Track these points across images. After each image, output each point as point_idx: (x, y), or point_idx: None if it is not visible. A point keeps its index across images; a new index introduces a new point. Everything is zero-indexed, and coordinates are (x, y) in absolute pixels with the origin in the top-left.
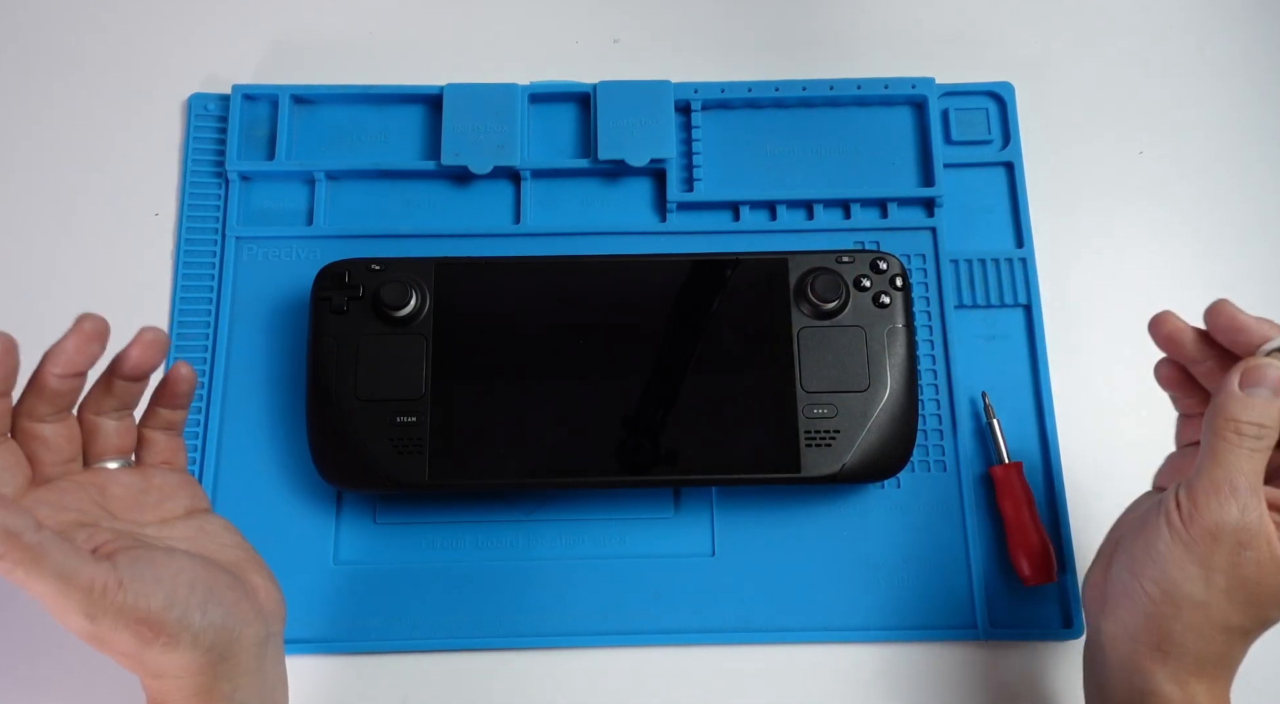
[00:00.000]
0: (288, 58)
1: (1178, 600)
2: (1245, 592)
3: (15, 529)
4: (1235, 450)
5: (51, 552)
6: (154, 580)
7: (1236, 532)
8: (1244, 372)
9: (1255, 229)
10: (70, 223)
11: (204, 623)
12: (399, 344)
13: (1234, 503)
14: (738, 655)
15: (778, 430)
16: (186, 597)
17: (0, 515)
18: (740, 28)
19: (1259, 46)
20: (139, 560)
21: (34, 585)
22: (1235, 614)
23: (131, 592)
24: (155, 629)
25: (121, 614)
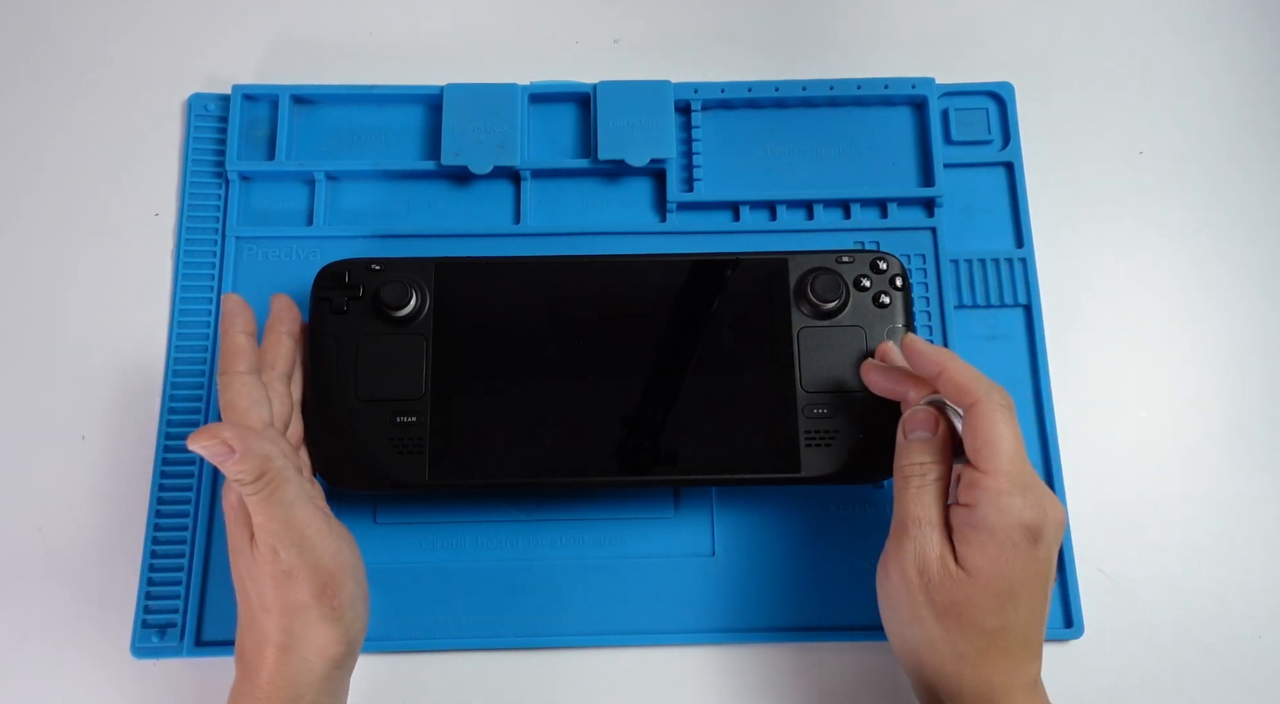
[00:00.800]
0: (288, 58)
1: (915, 648)
2: (950, 616)
3: (270, 453)
4: (903, 493)
5: (291, 480)
6: (350, 548)
7: (917, 564)
8: (903, 422)
9: (1256, 229)
10: (70, 223)
11: (360, 613)
12: (399, 344)
13: (908, 541)
14: (738, 655)
15: (778, 430)
16: (361, 581)
17: (259, 441)
18: (740, 28)
19: (1259, 46)
20: (341, 527)
21: (269, 509)
22: (959, 640)
23: (334, 545)
24: (337, 588)
25: (322, 558)
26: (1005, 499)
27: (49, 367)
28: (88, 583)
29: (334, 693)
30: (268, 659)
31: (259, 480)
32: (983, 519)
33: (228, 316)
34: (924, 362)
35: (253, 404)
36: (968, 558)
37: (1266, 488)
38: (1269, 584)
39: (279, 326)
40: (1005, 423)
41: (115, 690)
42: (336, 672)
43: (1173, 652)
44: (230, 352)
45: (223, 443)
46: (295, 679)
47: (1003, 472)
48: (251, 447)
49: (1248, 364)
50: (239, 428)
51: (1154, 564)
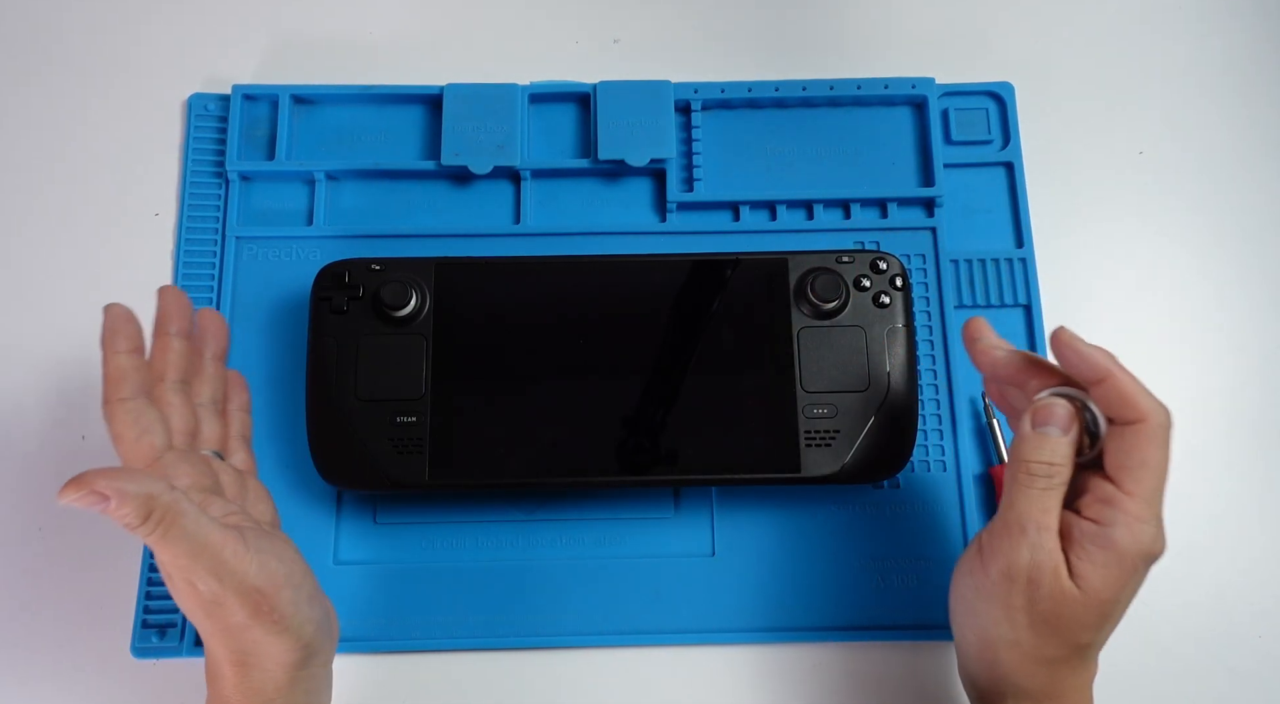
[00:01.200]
0: (288, 58)
1: (994, 644)
2: (1049, 625)
3: (152, 491)
4: (1026, 492)
5: (186, 512)
6: (276, 558)
7: (1027, 570)
8: (1034, 411)
9: (1256, 229)
10: (70, 223)
11: (309, 615)
12: (399, 344)
13: (1024, 544)
14: (738, 655)
15: (778, 430)
16: (300, 584)
17: (137, 482)
18: (740, 28)
19: (1259, 46)
20: (263, 538)
21: (169, 547)
22: (1046, 646)
23: (258, 562)
24: (272, 602)
25: (246, 580)
26: (1141, 527)
27: (49, 366)
28: (88, 583)
29: (310, 689)
30: (228, 676)
31: (148, 521)
32: (1114, 542)
33: (108, 335)
34: (1085, 364)
35: (141, 432)
36: (1085, 575)
37: (1267, 488)
38: (1269, 583)
39: (165, 327)
40: (1165, 448)
41: (115, 690)
42: (302, 672)
43: (1173, 652)
44: (109, 376)
45: (92, 492)
46: (261, 689)
47: (1148, 498)
48: (127, 490)
49: (1248, 364)
50: (112, 472)
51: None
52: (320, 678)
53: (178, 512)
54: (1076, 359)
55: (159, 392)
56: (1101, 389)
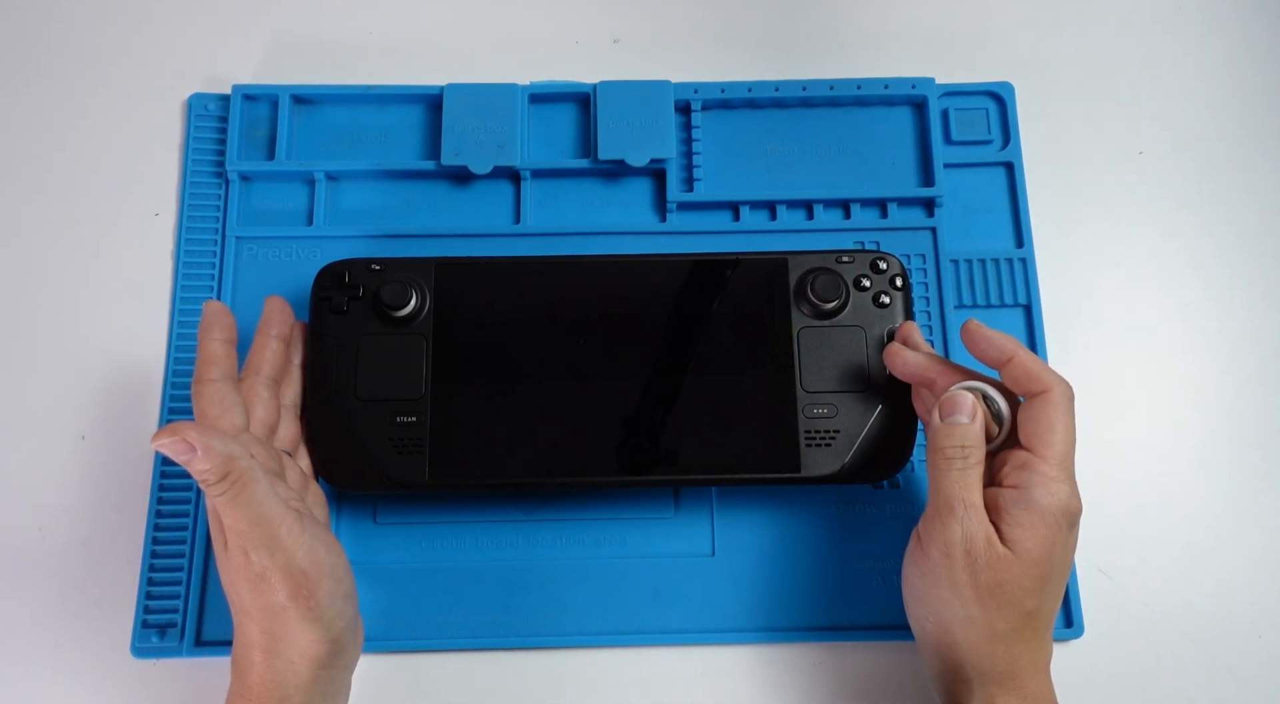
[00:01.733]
0: (288, 58)
1: (949, 626)
2: (994, 596)
3: (234, 453)
4: (946, 475)
5: (259, 480)
6: (326, 548)
7: (963, 543)
8: (941, 404)
9: (1255, 228)
10: (70, 223)
11: (342, 610)
12: (399, 344)
13: (954, 521)
14: (738, 655)
15: (778, 430)
16: (341, 579)
17: (223, 442)
18: (740, 28)
19: (1259, 46)
20: (317, 526)
21: (235, 511)
22: (996, 618)
23: (309, 547)
24: (313, 587)
25: (294, 558)
26: (1056, 485)
27: (49, 366)
28: (88, 583)
29: (326, 694)
30: (255, 662)
31: (224, 480)
32: (1034, 502)
33: (205, 324)
34: (992, 347)
35: (224, 411)
36: (1015, 539)
37: (1266, 487)
38: (1269, 584)
39: (267, 330)
40: (1069, 414)
41: (115, 690)
42: (325, 672)
43: (1173, 652)
44: (203, 358)
45: (183, 440)
46: (282, 681)
47: (1058, 459)
48: (213, 446)
49: (1247, 364)
50: (203, 427)
51: (1154, 564)
52: (339, 682)
53: (251, 478)
54: (985, 344)
55: (251, 383)
56: (1010, 368)
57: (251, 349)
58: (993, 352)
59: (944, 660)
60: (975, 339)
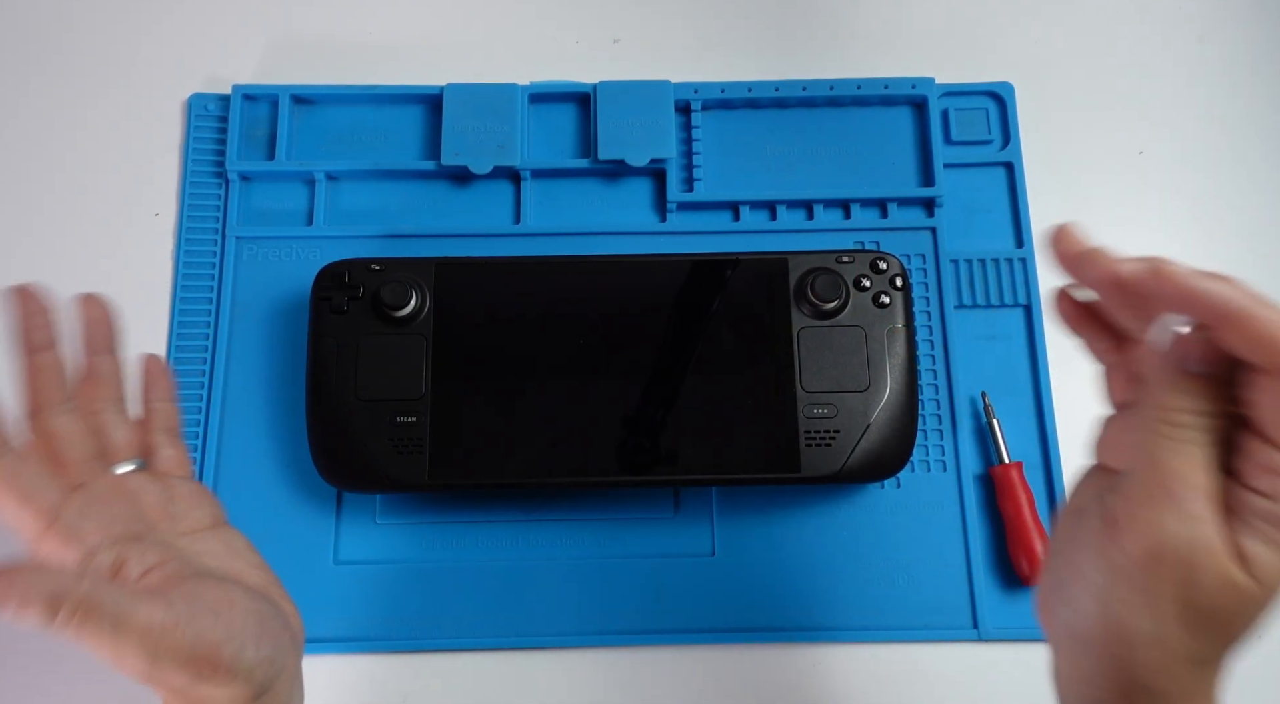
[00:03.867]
0: (288, 58)
1: (1129, 640)
2: (1204, 622)
3: (60, 591)
4: (1169, 445)
5: (103, 600)
6: (211, 615)
7: (1184, 551)
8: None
9: (1256, 228)
10: (70, 223)
11: (257, 657)
12: (399, 344)
13: (1172, 513)
14: (738, 655)
15: (778, 430)
16: (241, 630)
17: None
18: (740, 28)
19: (1259, 46)
20: (193, 595)
21: (89, 639)
22: (1199, 646)
23: (190, 630)
24: (213, 665)
25: (180, 652)
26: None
27: None
28: None
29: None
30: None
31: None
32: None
33: None
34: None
35: (25, 497)
36: (1259, 560)
37: None
38: None
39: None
40: None
41: (115, 690)
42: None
43: None
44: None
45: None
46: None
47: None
48: (28, 594)
49: None
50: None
51: None
52: (283, 693)
53: (92, 603)
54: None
55: (40, 423)
56: (1236, 326)
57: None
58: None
59: (1100, 667)
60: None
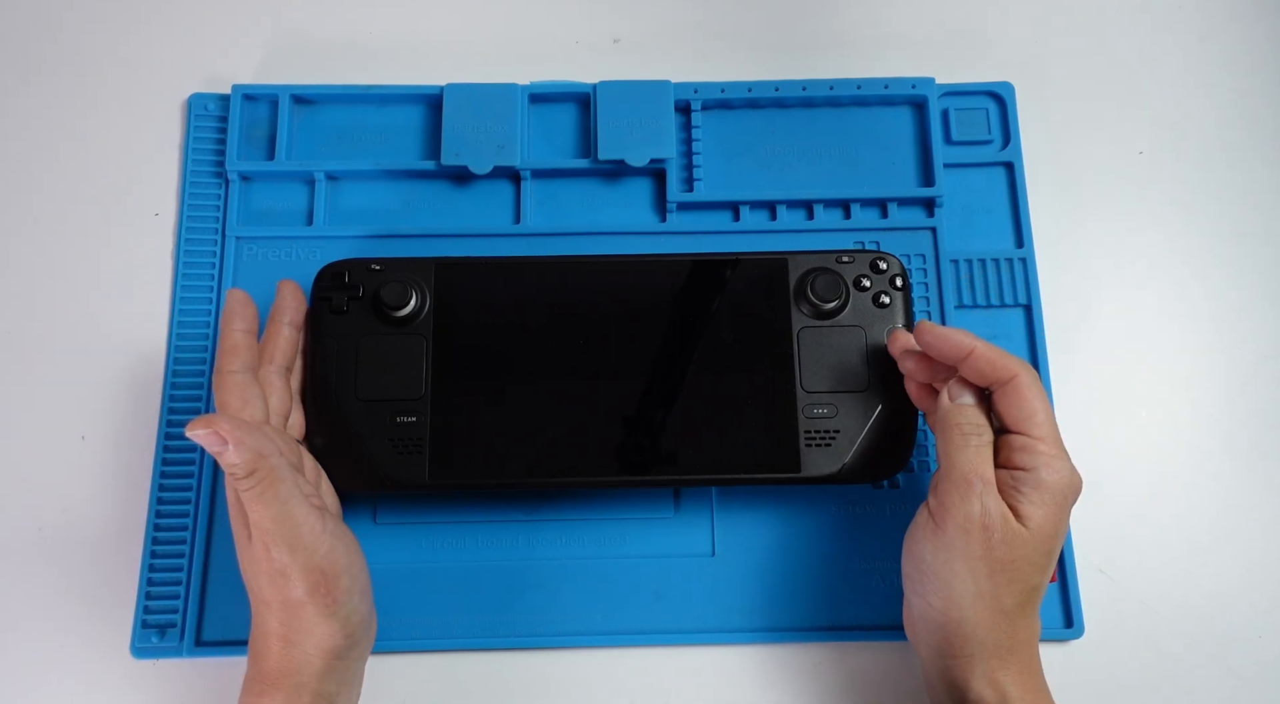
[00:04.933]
0: (288, 58)
1: (959, 601)
2: (1006, 571)
3: (264, 450)
4: (963, 451)
5: (286, 478)
6: (345, 546)
7: (981, 519)
8: (951, 387)
9: (1256, 228)
10: (70, 223)
11: (358, 606)
12: (399, 344)
13: (973, 496)
14: (738, 655)
15: (778, 430)
16: (358, 575)
17: (255, 437)
18: (740, 28)
19: (1259, 45)
20: (338, 524)
21: (261, 507)
22: (1005, 593)
23: (329, 544)
24: (331, 585)
25: (314, 557)
26: (1059, 462)
27: (49, 366)
28: (88, 583)
29: (341, 681)
30: (272, 650)
31: (252, 476)
32: (1044, 480)
33: (228, 313)
34: (949, 345)
35: (245, 403)
36: (1030, 515)
37: (1266, 487)
38: (1269, 584)
39: (280, 317)
40: (1043, 394)
41: (115, 690)
42: (339, 662)
43: (1173, 652)
44: (225, 349)
45: (216, 433)
46: (298, 669)
47: (1052, 438)
48: (245, 440)
49: (1247, 364)
50: (236, 421)
51: (1154, 564)
52: (353, 671)
53: (279, 475)
54: (943, 344)
55: (265, 373)
56: (972, 361)
57: (265, 336)
58: (949, 348)
59: (947, 635)
60: (932, 338)
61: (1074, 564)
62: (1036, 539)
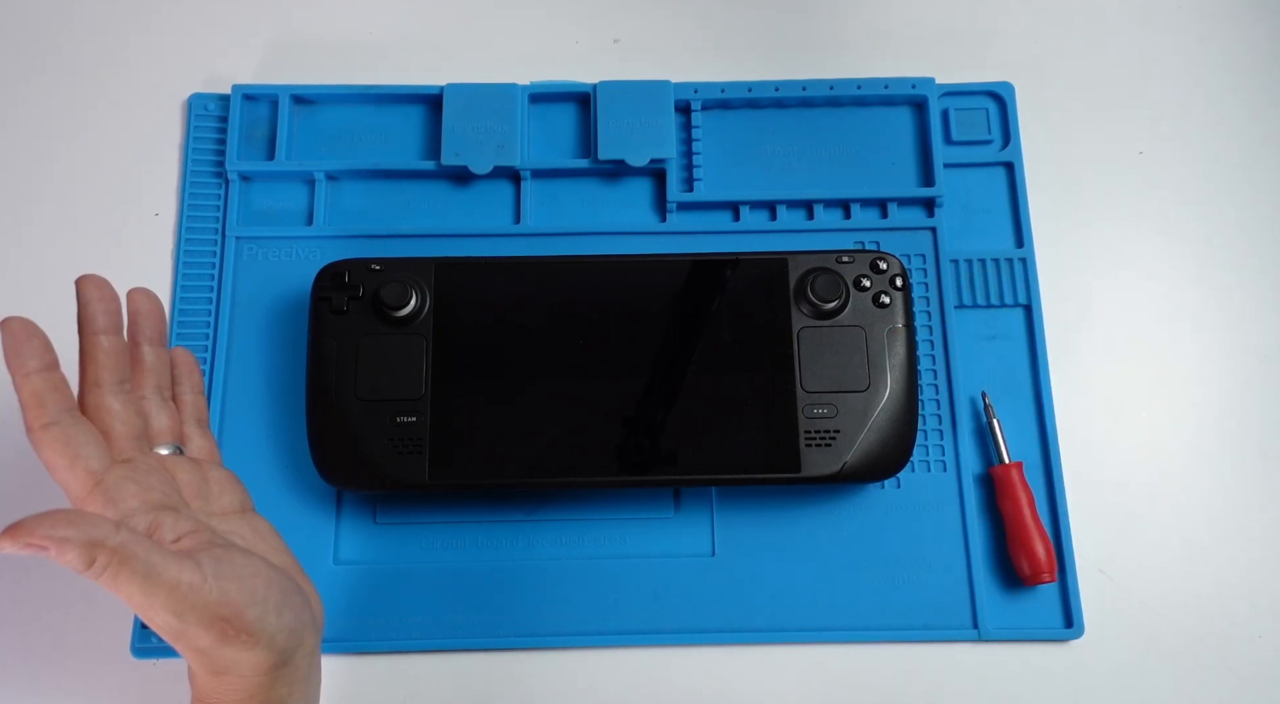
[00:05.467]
0: (288, 58)
1: None
2: None
3: (98, 538)
4: None
5: (136, 551)
6: (236, 578)
7: None
8: None
9: (1255, 228)
10: (70, 223)
11: (279, 624)
12: (399, 344)
13: None
14: (738, 655)
15: (778, 430)
16: (265, 597)
17: (79, 528)
18: (740, 28)
19: (1259, 46)
20: (221, 558)
21: (121, 587)
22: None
23: (216, 589)
24: (237, 626)
25: (206, 611)
26: None
27: None
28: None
29: (293, 680)
30: (203, 682)
31: (95, 566)
32: None
33: (11, 355)
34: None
35: (74, 458)
36: None
37: (1266, 487)
38: (1269, 583)
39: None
40: None
41: (115, 690)
42: (282, 670)
43: (1173, 652)
44: (25, 402)
45: (27, 545)
46: (239, 691)
47: None
48: (69, 538)
49: (1248, 364)
50: (52, 518)
51: (1154, 564)
52: (303, 668)
53: (126, 553)
54: None
55: (95, 399)
56: None
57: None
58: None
59: None
60: None
61: (1074, 564)
62: None
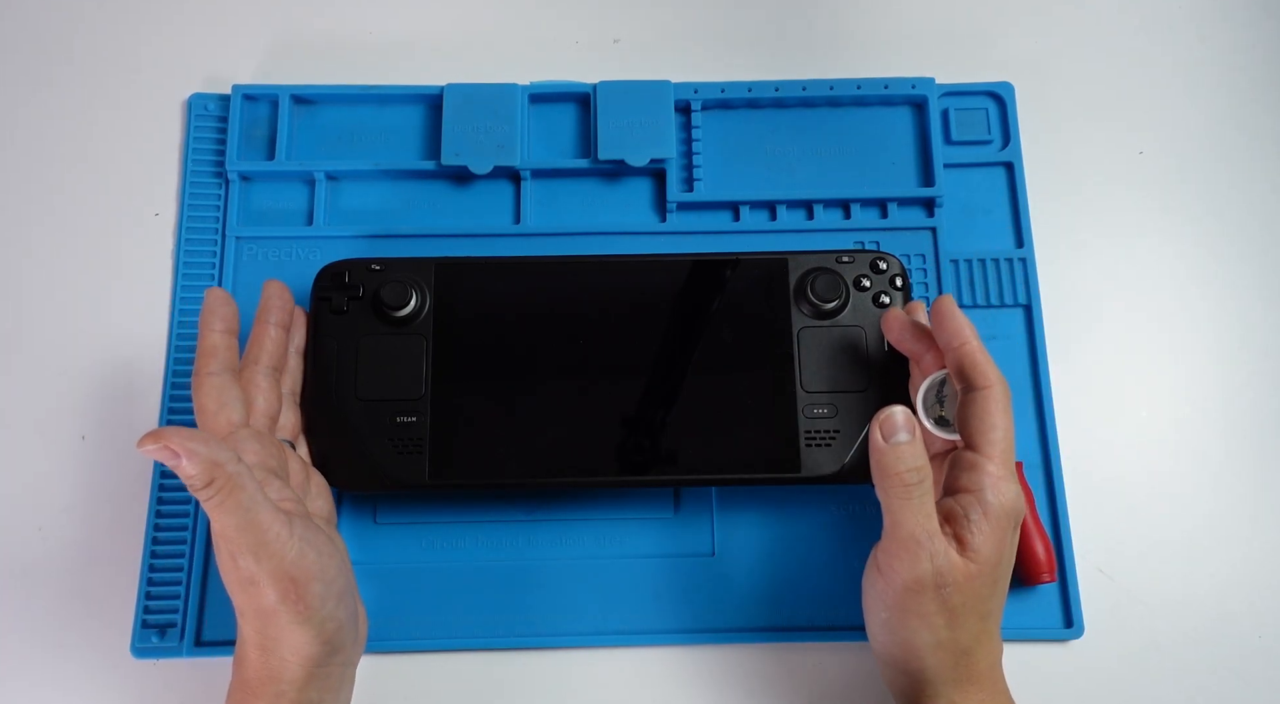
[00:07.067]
0: (288, 58)
1: (919, 653)
2: (964, 615)
3: (220, 460)
4: (906, 504)
5: (246, 486)
6: (315, 551)
7: (933, 577)
8: (881, 424)
9: (1255, 228)
10: (70, 223)
11: (334, 612)
12: (399, 344)
13: (923, 556)
14: (738, 655)
15: (778, 430)
16: (333, 579)
17: (209, 447)
18: (740, 28)
19: (1259, 46)
20: (309, 528)
21: (221, 517)
22: (962, 634)
23: (296, 549)
24: (301, 592)
25: (282, 564)
26: (1004, 484)
27: (49, 367)
28: (88, 583)
29: (325, 688)
30: (250, 658)
31: (209, 486)
32: (989, 505)
33: (206, 313)
34: (950, 329)
35: (221, 406)
36: (975, 547)
37: (1265, 487)
38: (1269, 584)
39: (266, 317)
40: (1009, 413)
41: (115, 690)
42: (320, 670)
43: (1173, 652)
44: (203, 351)
45: (166, 447)
46: (277, 676)
47: (1002, 457)
48: (198, 451)
49: (1248, 364)
50: (188, 433)
51: (1154, 564)
52: (337, 678)
53: (237, 484)
54: (947, 323)
55: (250, 373)
56: (959, 353)
57: (251, 337)
58: (950, 334)
59: (910, 679)
60: (941, 317)
61: (1074, 564)
62: (985, 569)
